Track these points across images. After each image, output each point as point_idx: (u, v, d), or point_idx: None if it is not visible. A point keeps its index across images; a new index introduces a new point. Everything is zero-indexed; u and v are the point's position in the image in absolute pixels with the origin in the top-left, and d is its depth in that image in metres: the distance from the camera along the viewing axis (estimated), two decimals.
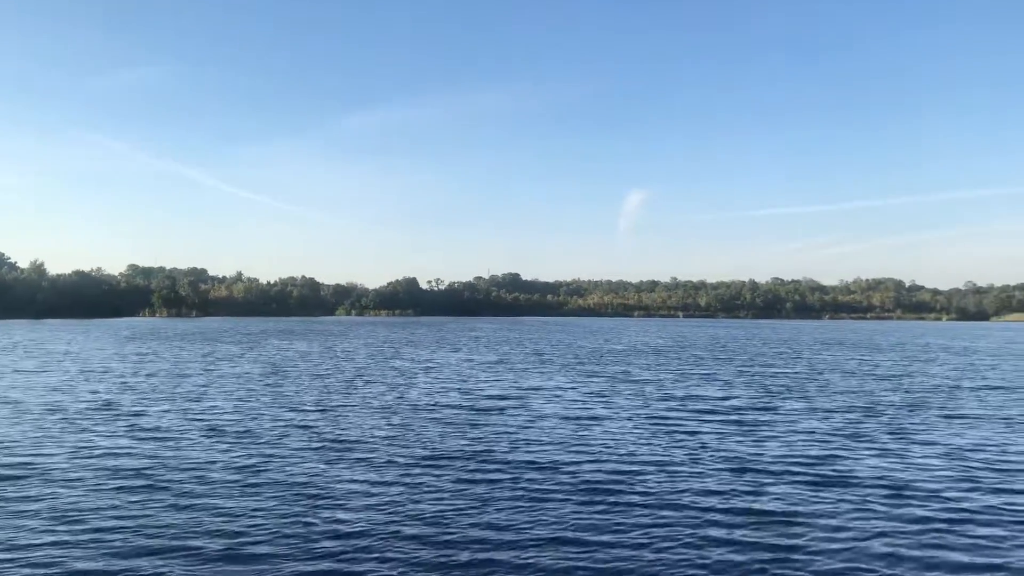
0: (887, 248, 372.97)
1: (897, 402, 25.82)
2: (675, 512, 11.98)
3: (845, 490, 13.41)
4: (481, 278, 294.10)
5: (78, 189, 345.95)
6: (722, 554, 10.15)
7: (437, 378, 33.47)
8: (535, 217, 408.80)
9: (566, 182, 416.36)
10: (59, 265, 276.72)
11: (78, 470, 14.53)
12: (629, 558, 9.98)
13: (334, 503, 12.35)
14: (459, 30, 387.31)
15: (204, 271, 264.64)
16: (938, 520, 11.64)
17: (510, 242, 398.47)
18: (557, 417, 21.91)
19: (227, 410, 22.76)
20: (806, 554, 10.16)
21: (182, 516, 11.58)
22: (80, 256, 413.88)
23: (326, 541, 10.49)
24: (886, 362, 46.57)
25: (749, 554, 10.14)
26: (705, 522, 11.50)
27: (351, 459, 15.73)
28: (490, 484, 13.68)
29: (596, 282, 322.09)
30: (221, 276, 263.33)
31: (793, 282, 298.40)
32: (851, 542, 10.62)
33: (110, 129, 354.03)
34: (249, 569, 9.55)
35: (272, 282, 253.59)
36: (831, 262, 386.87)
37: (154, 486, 13.35)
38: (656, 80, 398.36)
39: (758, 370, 39.39)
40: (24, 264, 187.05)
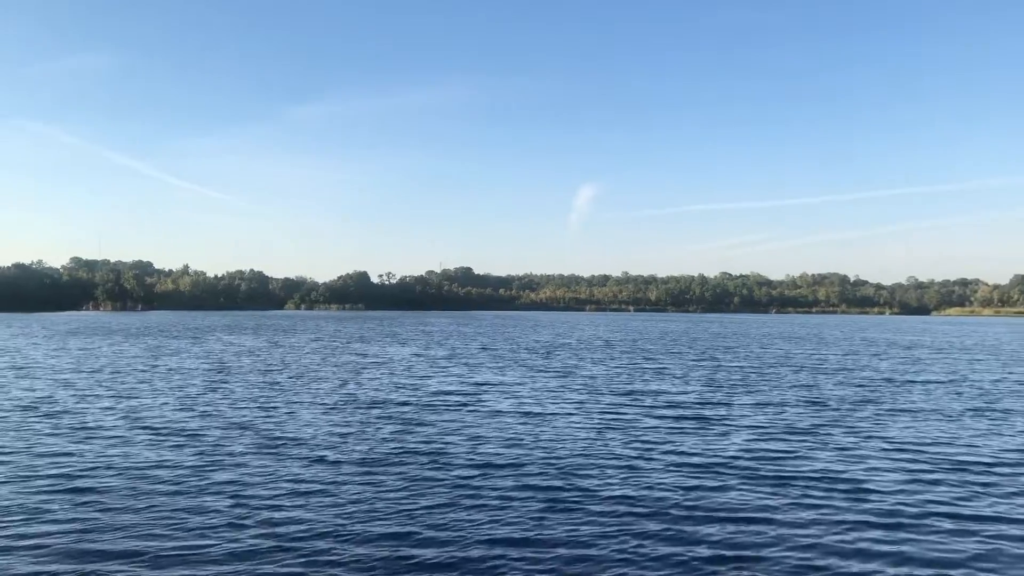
0: (832, 244, 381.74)
1: (848, 397, 26.03)
2: (627, 509, 11.68)
3: (798, 486, 13.26)
4: (433, 272, 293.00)
5: (17, 179, 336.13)
6: (675, 553, 9.87)
7: (385, 374, 32.86)
8: (488, 211, 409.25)
9: (518, 176, 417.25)
10: None
11: (3, 473, 13.70)
12: (579, 558, 9.65)
13: (273, 506, 11.77)
14: (410, 22, 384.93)
15: (150, 264, 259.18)
16: (890, 516, 11.53)
17: (463, 236, 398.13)
18: (508, 414, 21.54)
19: (166, 408, 21.86)
20: (757, 552, 9.94)
21: (116, 520, 10.90)
22: (20, 248, 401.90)
23: (266, 545, 9.94)
24: (835, 356, 47.27)
25: (702, 552, 9.88)
26: (657, 520, 11.20)
27: (292, 460, 15.11)
28: (438, 483, 13.21)
29: (548, 276, 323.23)
30: (167, 269, 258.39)
31: (741, 277, 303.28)
32: (805, 539, 10.42)
33: (51, 118, 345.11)
34: (187, 574, 9.01)
35: (220, 275, 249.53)
36: (778, 257, 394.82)
37: (87, 488, 12.59)
38: (607, 75, 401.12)
39: (709, 364, 39.58)
40: None
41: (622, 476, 13.96)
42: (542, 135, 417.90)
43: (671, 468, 14.64)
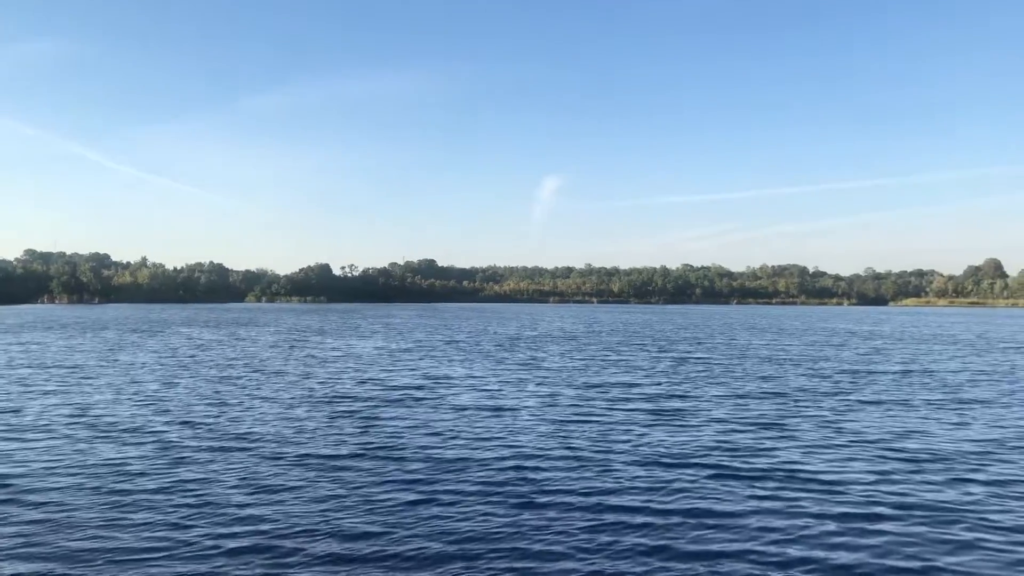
0: (791, 235, 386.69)
1: (813, 388, 26.00)
2: (594, 503, 11.28)
3: (767, 480, 12.99)
4: (396, 264, 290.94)
5: None
6: (643, 548, 9.50)
7: (345, 368, 32.18)
8: (452, 203, 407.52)
9: (482, 167, 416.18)
10: None
11: None
12: (540, 555, 9.23)
13: (226, 506, 11.16)
14: (371, 10, 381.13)
15: (107, 256, 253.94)
16: (863, 509, 11.30)
17: (426, 228, 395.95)
18: (471, 408, 21.06)
19: (113, 406, 20.99)
20: (727, 547, 9.61)
21: (61, 523, 10.21)
22: None
23: (220, 547, 9.36)
24: (798, 347, 47.55)
25: (671, 548, 9.52)
26: (624, 516, 10.83)
27: (245, 458, 14.47)
28: (398, 481, 12.68)
29: (512, 268, 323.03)
30: (125, 262, 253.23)
31: (702, 268, 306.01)
32: (775, 535, 10.12)
33: (1, 106, 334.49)
34: None
35: (179, 268, 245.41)
36: (739, 249, 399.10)
37: (29, 490, 11.84)
38: (570, 65, 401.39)
39: (673, 356, 39.50)
40: None
41: (587, 471, 13.56)
42: (506, 126, 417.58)
43: (637, 462, 14.28)
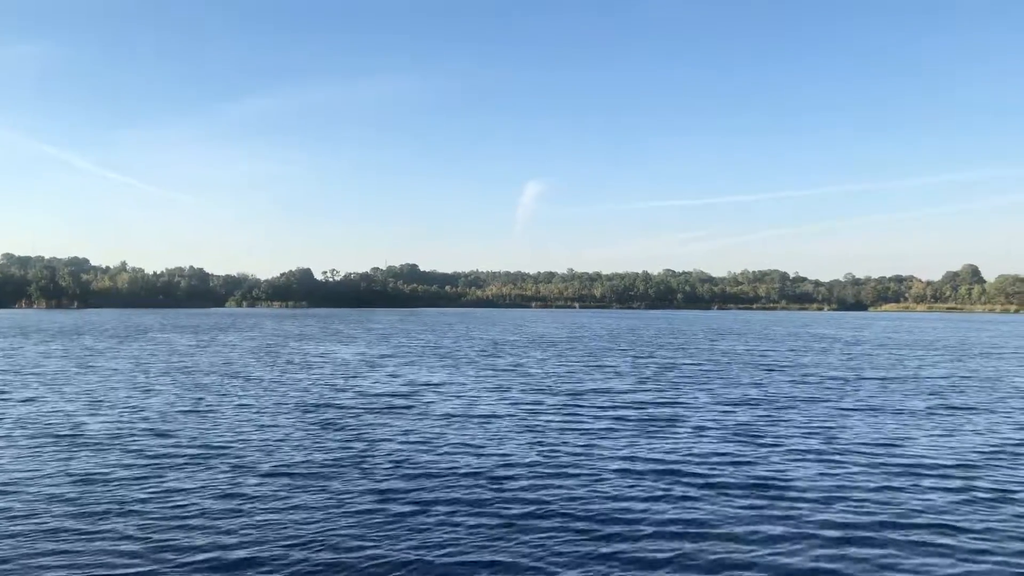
0: (773, 241, 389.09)
1: (799, 395, 25.75)
2: (578, 515, 10.88)
3: (748, 492, 12.64)
4: (378, 269, 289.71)
5: None
6: (626, 562, 9.10)
7: (324, 375, 31.60)
8: (434, 208, 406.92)
9: (465, 172, 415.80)
10: None
11: None
12: (518, 567, 8.82)
13: (194, 521, 10.64)
14: (353, 14, 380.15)
15: (86, 261, 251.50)
16: (853, 521, 10.97)
17: (408, 233, 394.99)
18: (451, 416, 20.58)
19: (79, 414, 20.30)
20: (717, 558, 9.23)
21: (18, 538, 9.68)
22: None
23: (184, 564, 8.87)
24: (782, 352, 47.43)
25: (656, 562, 9.13)
26: (598, 529, 10.43)
27: (218, 469, 13.91)
28: (373, 493, 12.21)
29: (494, 273, 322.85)
30: (104, 266, 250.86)
31: (684, 273, 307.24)
32: (765, 550, 9.76)
33: None
34: None
35: (159, 272, 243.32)
36: (720, 254, 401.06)
37: None
38: (553, 71, 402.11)
39: (657, 362, 39.23)
40: None
41: (567, 481, 13.13)
42: (488, 131, 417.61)
43: (621, 472, 13.87)
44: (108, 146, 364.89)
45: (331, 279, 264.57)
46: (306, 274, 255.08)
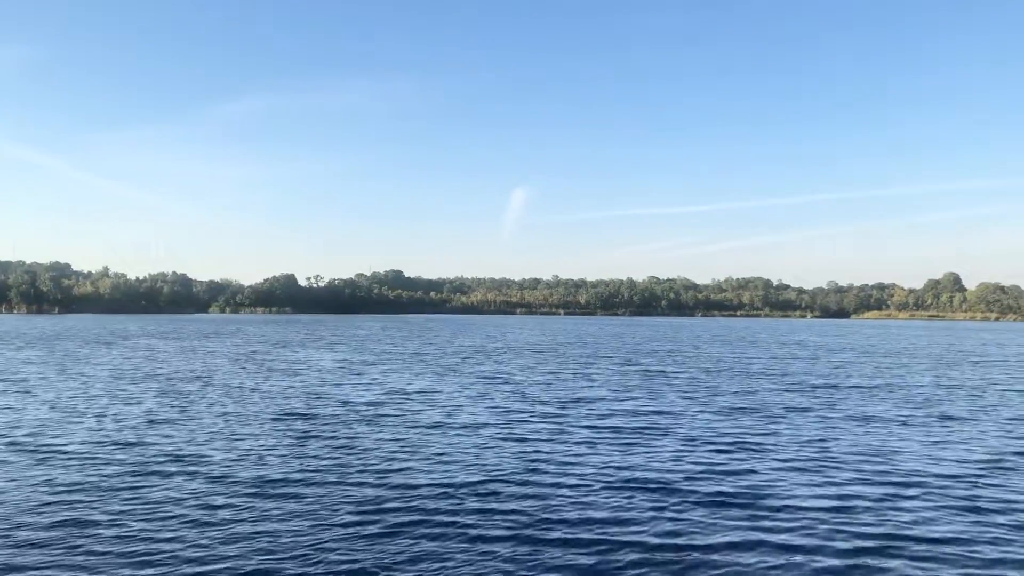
0: (756, 248, 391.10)
1: (787, 404, 25.69)
2: (545, 527, 10.71)
3: (740, 504, 12.51)
4: (363, 275, 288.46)
5: None
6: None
7: (305, 382, 31.26)
8: (419, 213, 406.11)
9: (450, 178, 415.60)
10: None
11: None
12: None
13: (161, 535, 10.37)
14: (338, 19, 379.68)
15: (67, 266, 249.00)
16: (847, 534, 10.87)
17: (393, 239, 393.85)
18: (432, 425, 20.35)
19: (56, 423, 19.93)
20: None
21: None
22: None
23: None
24: (768, 360, 47.44)
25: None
26: (588, 548, 10.26)
27: (192, 480, 13.63)
28: (354, 505, 11.97)
29: (479, 279, 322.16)
30: (86, 271, 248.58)
31: (668, 280, 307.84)
32: (750, 561, 9.62)
33: None
34: None
35: (141, 278, 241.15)
36: (705, 261, 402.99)
37: None
38: (539, 78, 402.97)
39: (640, 370, 39.13)
40: None
41: (551, 494, 12.95)
42: (475, 138, 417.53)
43: (605, 483, 13.71)
44: (92, 150, 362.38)
45: (315, 285, 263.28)
46: (290, 280, 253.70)
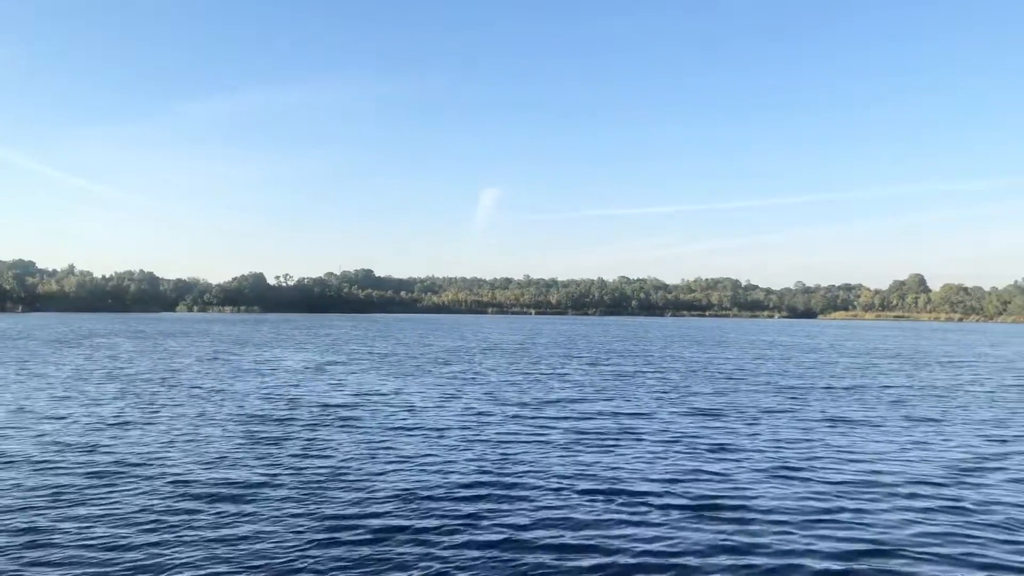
0: (725, 249, 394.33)
1: (759, 405, 25.67)
2: (516, 535, 10.44)
3: (722, 510, 12.33)
4: (332, 274, 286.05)
5: None
6: None
7: (272, 383, 30.70)
8: (390, 212, 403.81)
9: (421, 178, 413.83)
10: None
11: None
12: None
13: (115, 545, 9.95)
14: (308, 18, 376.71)
15: (32, 263, 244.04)
16: (819, 536, 10.72)
17: (363, 238, 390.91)
18: (401, 428, 20.02)
19: (10, 424, 19.25)
20: None
21: None
22: None
23: None
24: (738, 360, 47.60)
25: None
26: (560, 553, 10.01)
27: (155, 485, 13.16)
28: (319, 512, 11.61)
29: (451, 279, 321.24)
30: (51, 269, 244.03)
31: (639, 281, 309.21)
32: (725, 566, 9.42)
33: None
34: None
35: (108, 276, 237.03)
36: (674, 261, 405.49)
37: None
38: (509, 77, 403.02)
39: (611, 370, 39.03)
40: None
41: (521, 498, 12.70)
42: (445, 137, 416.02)
43: (577, 490, 13.47)
44: (56, 146, 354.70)
45: (284, 284, 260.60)
46: (259, 279, 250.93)
